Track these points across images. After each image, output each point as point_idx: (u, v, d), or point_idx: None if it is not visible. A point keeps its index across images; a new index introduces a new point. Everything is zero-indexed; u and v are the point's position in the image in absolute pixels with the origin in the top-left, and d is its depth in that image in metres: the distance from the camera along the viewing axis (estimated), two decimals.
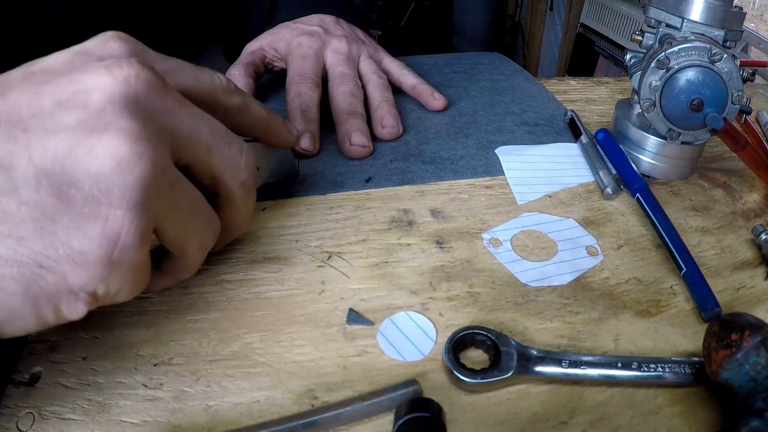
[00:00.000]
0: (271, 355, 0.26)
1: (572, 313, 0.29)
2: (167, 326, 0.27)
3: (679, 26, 0.37)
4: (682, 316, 0.29)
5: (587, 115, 0.50)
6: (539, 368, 0.25)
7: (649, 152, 0.40)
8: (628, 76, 0.41)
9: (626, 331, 0.28)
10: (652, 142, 0.39)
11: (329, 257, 0.32)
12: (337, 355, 0.26)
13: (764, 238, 0.32)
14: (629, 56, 0.41)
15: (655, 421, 0.23)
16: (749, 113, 0.37)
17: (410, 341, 0.27)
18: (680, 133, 0.37)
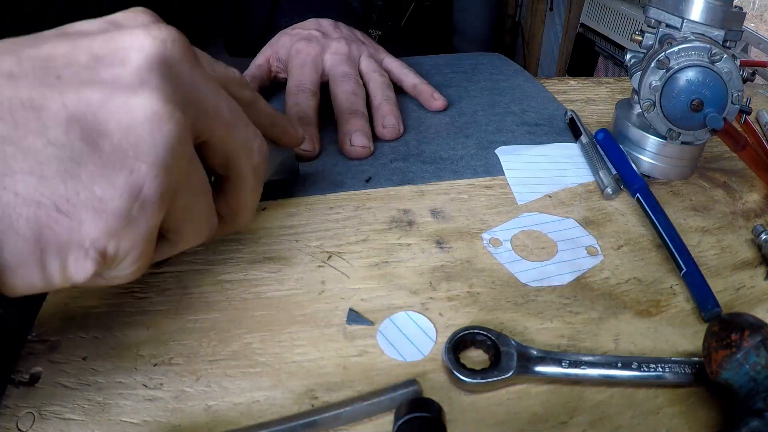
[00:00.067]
0: (271, 355, 0.26)
1: (572, 313, 0.29)
2: (167, 326, 0.27)
3: (679, 26, 0.37)
4: (682, 316, 0.29)
5: (587, 115, 0.50)
6: (539, 368, 0.25)
7: (649, 152, 0.40)
8: (628, 76, 0.41)
9: (626, 331, 0.28)
10: (652, 142, 0.39)
11: (329, 257, 0.32)
12: (337, 355, 0.26)
13: (764, 238, 0.32)
14: (629, 56, 0.41)
15: (655, 421, 0.23)
16: (749, 113, 0.37)
17: (410, 341, 0.27)
18: (680, 133, 0.37)
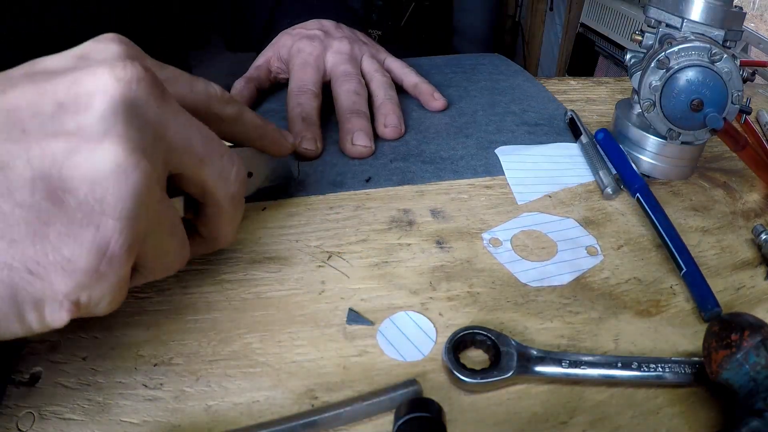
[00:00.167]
0: (271, 355, 0.26)
1: (572, 313, 0.29)
2: (167, 326, 0.27)
3: (679, 26, 0.37)
4: (682, 316, 0.29)
5: (587, 115, 0.50)
6: (539, 368, 0.25)
7: (649, 152, 0.40)
8: (628, 76, 0.41)
9: (626, 331, 0.28)
10: (652, 142, 0.39)
11: (329, 257, 0.32)
12: (337, 355, 0.26)
13: (764, 238, 0.32)
14: (629, 56, 0.41)
15: (655, 421, 0.23)
16: (749, 113, 0.37)
17: (410, 341, 0.27)
18: (680, 133, 0.37)
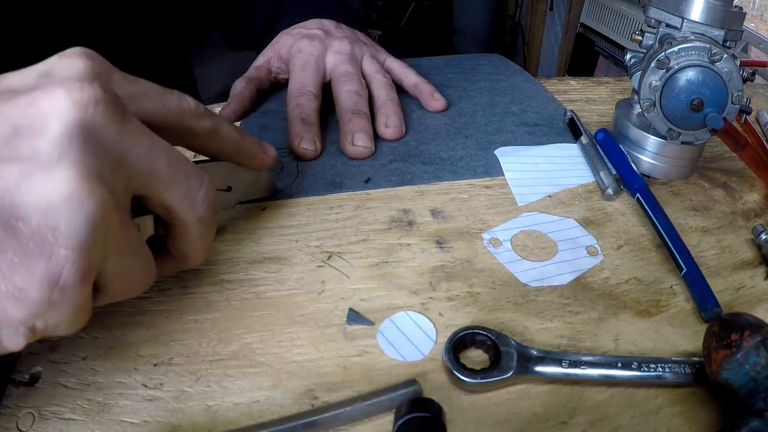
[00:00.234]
0: (271, 355, 0.26)
1: (572, 313, 0.29)
2: (167, 326, 0.27)
3: (679, 26, 0.37)
4: (682, 316, 0.29)
5: (587, 115, 0.50)
6: (539, 368, 0.25)
7: (649, 152, 0.40)
8: (628, 76, 0.41)
9: (626, 331, 0.28)
10: (652, 142, 0.39)
11: (329, 257, 0.32)
12: (337, 355, 0.26)
13: (764, 238, 0.32)
14: (629, 56, 0.41)
15: (655, 421, 0.23)
16: (749, 113, 0.37)
17: (410, 341, 0.27)
18: (680, 133, 0.37)
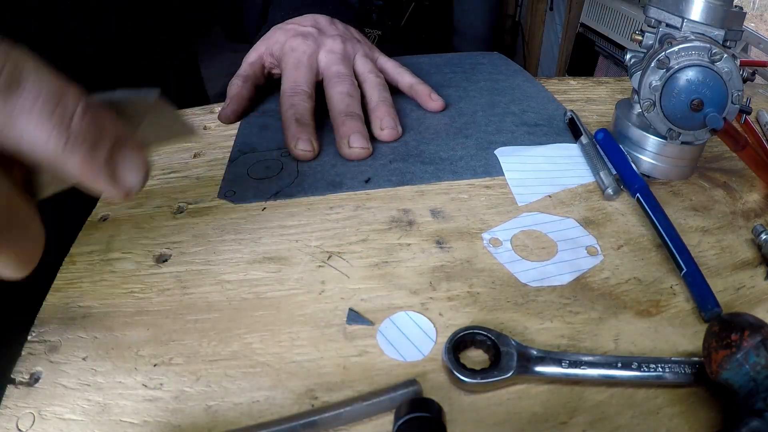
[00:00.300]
0: (271, 355, 0.26)
1: (572, 313, 0.29)
2: (167, 326, 0.27)
3: (679, 26, 0.37)
4: (682, 316, 0.29)
5: (587, 115, 0.50)
6: (539, 368, 0.25)
7: (649, 152, 0.40)
8: (628, 76, 0.41)
9: (626, 331, 0.28)
10: (652, 142, 0.39)
11: (329, 257, 0.32)
12: (337, 355, 0.26)
13: (764, 238, 0.32)
14: (629, 56, 0.41)
15: (655, 421, 0.23)
16: (749, 113, 0.37)
17: (410, 341, 0.27)
18: (680, 133, 0.37)
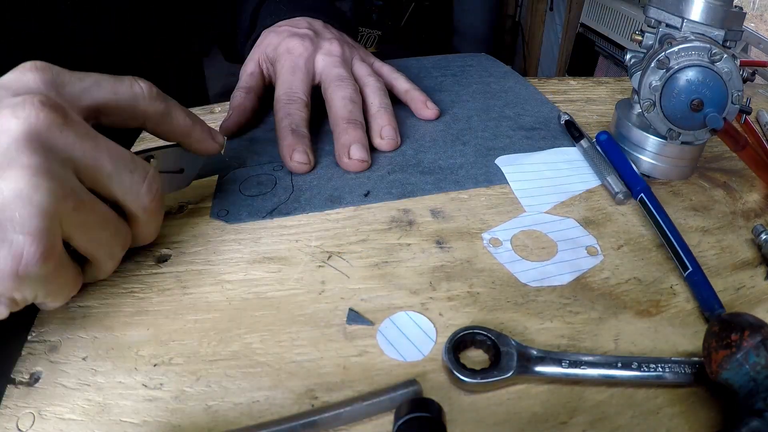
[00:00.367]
0: (271, 355, 0.26)
1: (572, 313, 0.29)
2: (167, 326, 0.27)
3: (679, 26, 0.37)
4: (682, 316, 0.29)
5: (587, 115, 0.50)
6: (539, 368, 0.25)
7: (649, 152, 0.40)
8: (628, 76, 0.41)
9: (626, 331, 0.28)
10: (652, 142, 0.39)
11: (329, 257, 0.32)
12: (337, 355, 0.26)
13: (764, 238, 0.32)
14: (629, 56, 0.41)
15: (655, 421, 0.23)
16: (749, 113, 0.37)
17: (410, 341, 0.27)
18: (680, 133, 0.37)
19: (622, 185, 0.37)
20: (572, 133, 0.44)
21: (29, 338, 0.27)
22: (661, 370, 0.24)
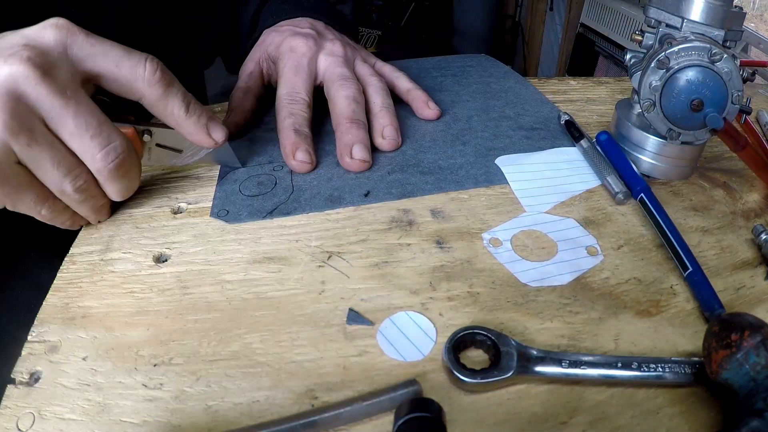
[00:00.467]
0: (271, 355, 0.26)
1: (572, 313, 0.29)
2: (167, 326, 0.27)
3: (679, 26, 0.37)
4: (682, 316, 0.29)
5: (587, 115, 0.50)
6: (539, 368, 0.25)
7: (649, 152, 0.40)
8: (628, 76, 0.41)
9: (626, 331, 0.28)
10: (652, 142, 0.39)
11: (329, 257, 0.32)
12: (337, 355, 0.26)
13: (764, 238, 0.32)
14: (629, 56, 0.41)
15: (655, 421, 0.23)
16: (749, 113, 0.37)
17: (410, 341, 0.27)
18: (680, 133, 0.37)
19: (622, 185, 0.37)
20: (572, 133, 0.44)
21: (29, 338, 0.27)
22: (661, 370, 0.24)
